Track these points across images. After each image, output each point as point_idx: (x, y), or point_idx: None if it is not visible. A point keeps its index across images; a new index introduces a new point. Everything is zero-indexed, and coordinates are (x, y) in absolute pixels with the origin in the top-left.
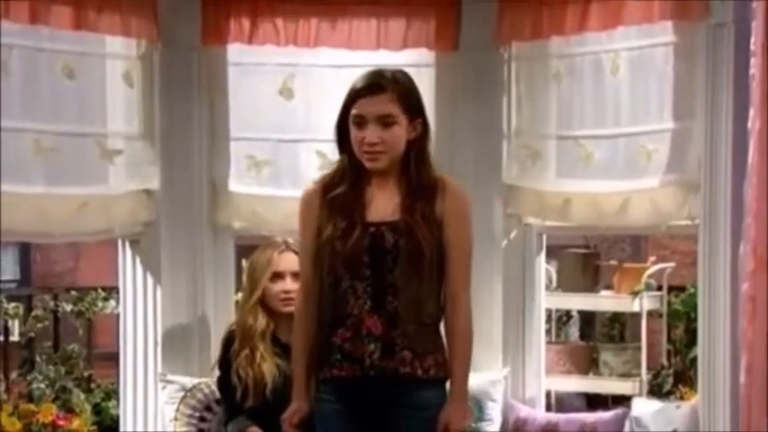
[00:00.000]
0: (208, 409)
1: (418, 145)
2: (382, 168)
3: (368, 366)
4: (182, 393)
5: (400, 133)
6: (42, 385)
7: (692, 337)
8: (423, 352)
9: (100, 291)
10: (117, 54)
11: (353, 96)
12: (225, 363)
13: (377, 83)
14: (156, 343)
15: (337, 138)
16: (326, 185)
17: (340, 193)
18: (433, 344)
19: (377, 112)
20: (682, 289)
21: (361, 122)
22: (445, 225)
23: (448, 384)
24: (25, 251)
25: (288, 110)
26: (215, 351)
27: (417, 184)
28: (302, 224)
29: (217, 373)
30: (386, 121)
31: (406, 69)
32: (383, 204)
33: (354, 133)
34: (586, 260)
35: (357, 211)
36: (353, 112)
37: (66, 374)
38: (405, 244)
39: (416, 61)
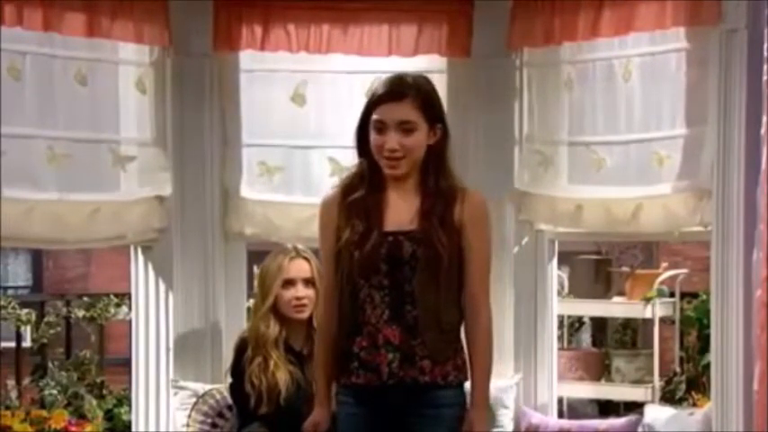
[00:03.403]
0: (219, 415)
1: (437, 150)
2: (402, 174)
3: (386, 375)
4: (193, 399)
5: (420, 139)
6: (54, 391)
7: (704, 344)
8: (442, 359)
9: (112, 297)
10: (129, 61)
11: (374, 102)
12: (237, 370)
13: (398, 90)
14: (168, 349)
15: (357, 142)
16: (346, 190)
17: (359, 198)
18: (453, 349)
19: (398, 119)
20: (694, 295)
21: (382, 128)
22: (464, 230)
23: (466, 385)
24: (37, 257)
25: (300, 116)
26: (227, 357)
27: (436, 190)
28: (321, 229)
29: (229, 379)
30: (406, 128)
31: None
32: (402, 211)
33: (374, 138)
34: (598, 266)
35: (375, 217)
36: (374, 117)
37: (79, 380)
38: (423, 253)
39: (428, 67)
